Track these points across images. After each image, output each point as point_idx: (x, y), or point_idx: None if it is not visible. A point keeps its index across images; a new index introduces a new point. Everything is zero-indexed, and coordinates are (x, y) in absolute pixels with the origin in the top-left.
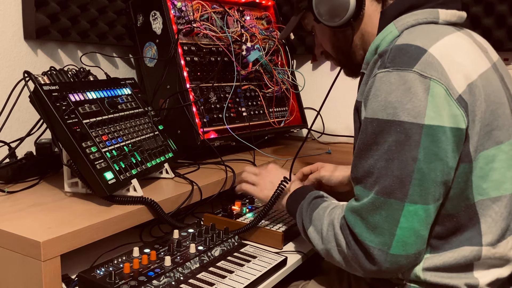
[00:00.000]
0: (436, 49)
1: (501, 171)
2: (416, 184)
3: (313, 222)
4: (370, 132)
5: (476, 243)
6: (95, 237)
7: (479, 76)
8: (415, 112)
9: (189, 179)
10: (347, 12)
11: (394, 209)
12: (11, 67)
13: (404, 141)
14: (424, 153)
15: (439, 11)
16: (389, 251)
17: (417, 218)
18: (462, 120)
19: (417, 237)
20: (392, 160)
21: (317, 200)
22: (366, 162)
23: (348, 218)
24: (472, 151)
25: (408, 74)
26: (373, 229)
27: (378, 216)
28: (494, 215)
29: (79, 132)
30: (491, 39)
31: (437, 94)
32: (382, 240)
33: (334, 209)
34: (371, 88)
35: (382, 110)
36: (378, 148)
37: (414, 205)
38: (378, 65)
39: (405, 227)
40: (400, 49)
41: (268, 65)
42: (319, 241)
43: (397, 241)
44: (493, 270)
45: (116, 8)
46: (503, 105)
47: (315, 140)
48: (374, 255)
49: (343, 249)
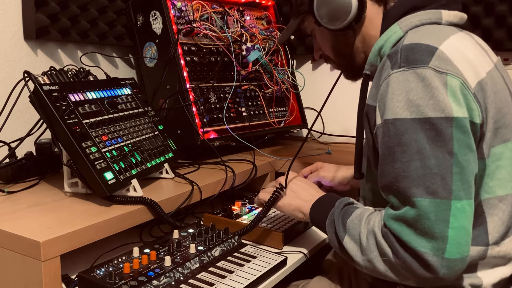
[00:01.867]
0: (445, 47)
1: (508, 169)
2: (457, 179)
3: (348, 232)
4: (393, 134)
5: (482, 242)
6: (95, 237)
7: (487, 74)
8: (441, 106)
9: (189, 179)
10: (348, 15)
11: (442, 209)
12: (11, 67)
13: (436, 136)
14: (458, 145)
15: (442, 12)
16: (444, 256)
17: (465, 215)
18: (477, 115)
19: (468, 236)
20: (428, 158)
21: (349, 207)
22: (394, 167)
23: (391, 226)
24: (485, 148)
25: (425, 71)
26: (423, 235)
27: (427, 221)
28: (502, 214)
29: (79, 132)
30: (491, 39)
31: (455, 87)
32: (435, 245)
33: (371, 217)
34: (387, 89)
35: (404, 109)
36: (406, 150)
37: (460, 201)
38: (388, 66)
39: (456, 227)
40: (411, 48)
41: (268, 65)
42: (357, 252)
43: (451, 243)
44: (496, 269)
45: (116, 8)
46: (508, 104)
47: (315, 140)
48: (429, 262)
49: (389, 259)
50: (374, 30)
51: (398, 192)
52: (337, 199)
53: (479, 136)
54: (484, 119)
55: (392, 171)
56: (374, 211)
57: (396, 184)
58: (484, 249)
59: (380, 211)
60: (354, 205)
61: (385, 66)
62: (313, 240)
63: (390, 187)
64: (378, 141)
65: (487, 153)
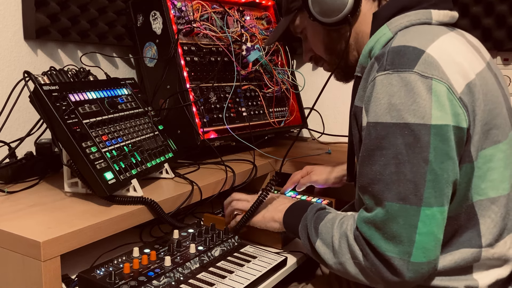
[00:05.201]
0: (433, 50)
1: (499, 171)
2: (430, 187)
3: (321, 235)
4: (374, 137)
5: (476, 244)
6: (95, 237)
7: (476, 75)
8: (421, 112)
9: (189, 179)
10: (345, 7)
11: (411, 215)
12: (11, 67)
13: (413, 143)
14: (435, 153)
15: (432, 11)
16: (410, 260)
17: (435, 222)
18: (464, 119)
19: (437, 242)
20: (403, 164)
21: (321, 212)
22: (372, 169)
23: (362, 229)
24: (473, 151)
25: (409, 75)
26: (391, 239)
27: (395, 224)
28: (494, 215)
29: (79, 132)
30: (491, 39)
31: (440, 92)
32: (402, 249)
33: (343, 220)
34: (372, 92)
35: (385, 113)
36: (384, 153)
37: (431, 208)
38: (375, 68)
39: (424, 233)
40: (397, 51)
41: (268, 65)
42: (329, 255)
43: (417, 248)
44: (492, 270)
45: (116, 8)
46: (499, 104)
47: (315, 140)
48: (396, 265)
49: (359, 261)
50: (367, 27)
51: (372, 194)
52: (309, 205)
53: (465, 140)
54: (471, 122)
55: (369, 173)
56: (347, 214)
57: (371, 185)
58: (478, 251)
59: (353, 214)
60: (326, 210)
61: (373, 68)
62: None
63: (366, 188)
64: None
65: (475, 156)
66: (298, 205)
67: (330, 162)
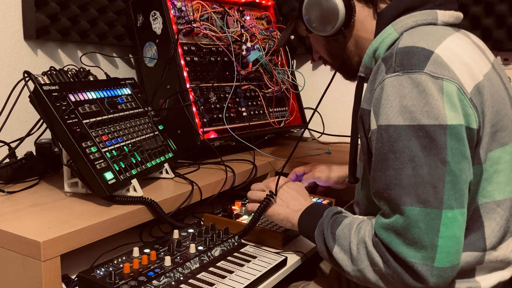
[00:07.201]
0: (441, 50)
1: (505, 173)
2: (450, 188)
3: (338, 242)
4: (386, 140)
5: (480, 248)
6: (95, 237)
7: (484, 76)
8: (435, 113)
9: (189, 179)
10: (337, 21)
11: (432, 218)
12: (11, 67)
13: (429, 144)
14: (452, 154)
15: (438, 12)
16: (434, 265)
17: (457, 224)
18: (474, 120)
19: (459, 245)
20: (420, 167)
21: (337, 216)
22: (386, 174)
23: (381, 235)
24: (482, 153)
25: (420, 76)
26: (413, 244)
27: (416, 229)
28: (499, 218)
29: (79, 132)
30: (491, 39)
31: (452, 93)
32: (424, 254)
33: (361, 226)
34: (381, 94)
35: (397, 116)
36: (398, 157)
37: (452, 211)
38: (383, 70)
39: (446, 236)
40: (406, 52)
41: (268, 65)
42: (348, 262)
43: (441, 252)
44: (494, 273)
45: (116, 8)
46: (506, 106)
47: (315, 140)
48: (419, 271)
49: (379, 268)
50: (366, 33)
51: (388, 199)
52: (325, 208)
53: (475, 141)
54: (481, 124)
55: (384, 178)
56: (364, 219)
57: (387, 191)
58: (481, 255)
59: (370, 219)
60: (342, 214)
61: (379, 70)
62: None
63: (381, 193)
64: (372, 146)
65: (484, 158)
66: (313, 209)
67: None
